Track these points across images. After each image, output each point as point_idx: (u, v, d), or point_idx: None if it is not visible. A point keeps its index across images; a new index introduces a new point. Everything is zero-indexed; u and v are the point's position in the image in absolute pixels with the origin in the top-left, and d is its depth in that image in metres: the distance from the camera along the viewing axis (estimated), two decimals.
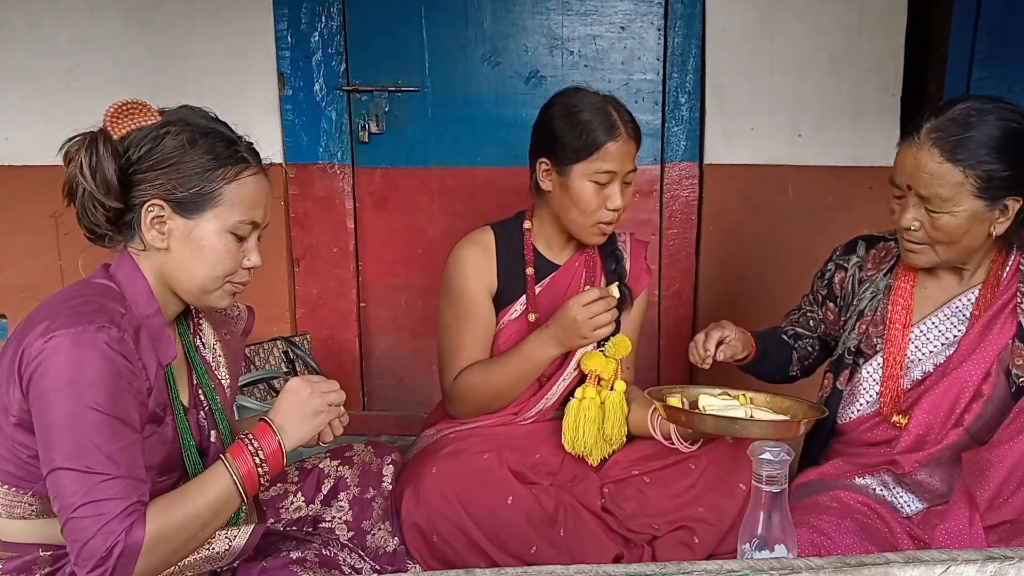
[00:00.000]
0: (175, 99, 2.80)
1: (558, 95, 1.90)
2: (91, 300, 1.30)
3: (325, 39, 2.85)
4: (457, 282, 1.95)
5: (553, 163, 1.86)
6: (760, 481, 1.26)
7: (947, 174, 1.51)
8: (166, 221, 1.36)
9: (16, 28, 2.84)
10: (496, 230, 2.00)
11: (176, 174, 1.34)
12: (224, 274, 1.40)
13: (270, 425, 1.36)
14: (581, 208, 1.84)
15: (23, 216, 2.91)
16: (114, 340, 1.24)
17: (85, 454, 1.19)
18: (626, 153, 1.83)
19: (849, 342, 1.78)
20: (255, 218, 1.40)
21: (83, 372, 1.21)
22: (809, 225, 2.85)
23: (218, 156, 1.36)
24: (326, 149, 2.91)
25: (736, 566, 1.01)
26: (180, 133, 1.35)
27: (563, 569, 1.00)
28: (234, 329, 1.61)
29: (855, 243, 1.86)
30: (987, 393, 1.61)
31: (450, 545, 1.73)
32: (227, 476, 1.30)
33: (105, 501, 1.18)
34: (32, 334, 1.24)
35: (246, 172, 1.39)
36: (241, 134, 1.44)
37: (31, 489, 1.31)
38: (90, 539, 1.17)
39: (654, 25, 2.86)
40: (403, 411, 3.05)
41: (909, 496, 1.70)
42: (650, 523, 1.85)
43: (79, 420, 1.20)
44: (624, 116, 1.85)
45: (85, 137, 1.35)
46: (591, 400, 1.88)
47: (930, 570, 1.01)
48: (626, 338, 1.92)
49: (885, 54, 2.76)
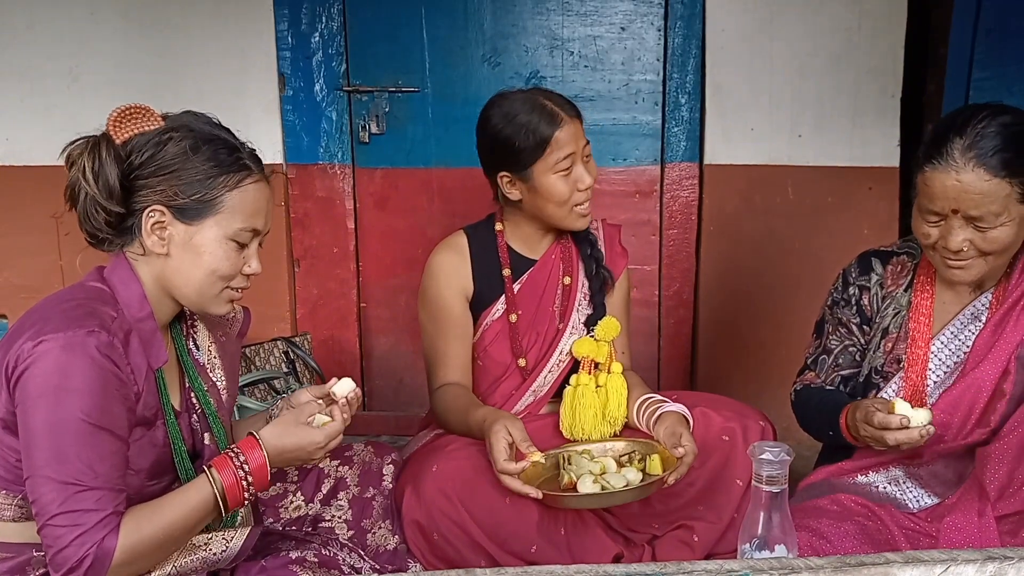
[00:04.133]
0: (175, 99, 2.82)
1: (488, 109, 1.91)
2: (83, 304, 1.31)
3: (325, 39, 2.85)
4: (431, 289, 1.99)
5: (513, 172, 1.88)
6: (760, 481, 1.26)
7: (996, 190, 1.50)
8: (167, 227, 1.36)
9: (16, 28, 2.84)
10: (469, 233, 2.02)
11: (178, 180, 1.34)
12: (223, 280, 1.40)
13: (259, 443, 1.37)
14: (556, 201, 1.87)
15: (23, 216, 2.91)
16: (103, 345, 1.25)
17: (65, 463, 1.21)
18: (574, 132, 1.86)
19: (875, 361, 1.76)
20: (256, 225, 1.41)
21: (70, 379, 1.22)
22: (809, 225, 2.85)
23: (220, 163, 1.36)
24: (326, 149, 2.91)
25: (736, 566, 1.02)
26: (183, 139, 1.36)
27: (563, 569, 1.00)
28: (230, 331, 1.61)
29: (868, 261, 1.80)
30: (1009, 391, 1.61)
31: (450, 543, 1.73)
32: (208, 490, 1.32)
33: (81, 512, 1.20)
34: (23, 337, 1.25)
35: (248, 180, 1.39)
36: (244, 140, 1.44)
37: (21, 492, 1.31)
38: (64, 548, 1.20)
39: (654, 25, 2.86)
40: (403, 411, 3.05)
41: (919, 491, 1.70)
42: (650, 522, 1.85)
43: (61, 428, 1.21)
44: (557, 100, 1.87)
45: (88, 141, 1.35)
46: (585, 387, 1.92)
47: (930, 570, 1.01)
48: (614, 319, 1.98)
49: (885, 54, 2.76)
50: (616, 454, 1.85)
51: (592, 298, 2.02)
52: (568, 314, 2.00)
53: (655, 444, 1.82)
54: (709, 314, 2.96)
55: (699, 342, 2.99)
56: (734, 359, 2.96)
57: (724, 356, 2.98)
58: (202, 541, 1.35)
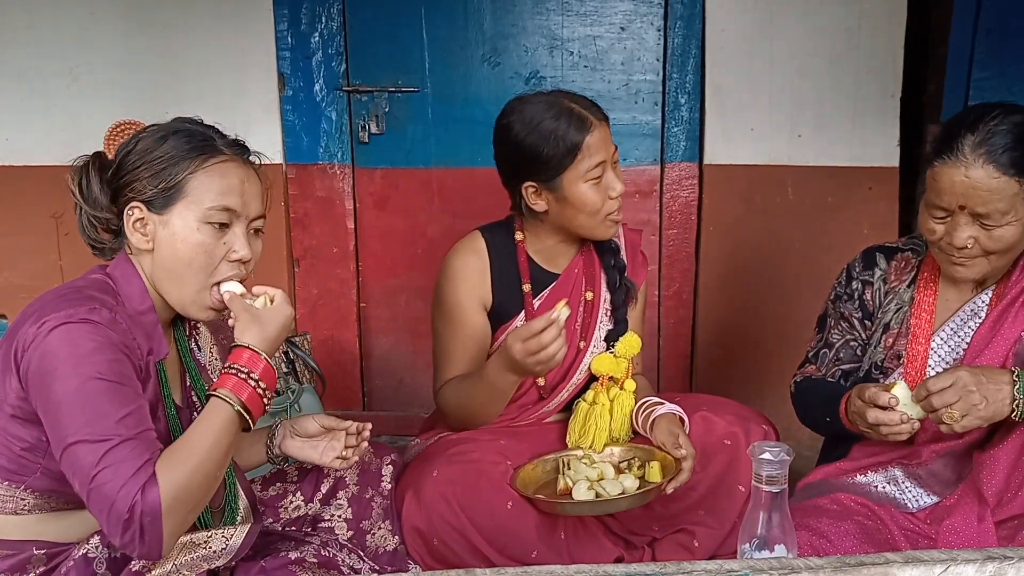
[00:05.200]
0: (175, 99, 2.82)
1: (507, 116, 1.81)
2: (82, 290, 1.32)
3: (325, 39, 2.85)
4: (449, 293, 1.90)
5: (540, 182, 1.79)
6: (760, 481, 1.26)
7: (1004, 187, 1.50)
8: (147, 223, 1.38)
9: (16, 28, 2.84)
10: (487, 238, 1.92)
11: (146, 173, 1.36)
12: (203, 271, 1.38)
13: (248, 347, 1.33)
14: (588, 211, 1.79)
15: (23, 216, 2.91)
16: (105, 320, 1.26)
17: (94, 423, 1.20)
18: (605, 137, 1.78)
19: (875, 356, 1.76)
20: (228, 203, 1.38)
21: (79, 346, 1.23)
22: (809, 225, 2.85)
23: (183, 149, 1.37)
24: (326, 149, 2.91)
25: (736, 566, 1.02)
26: (152, 134, 1.39)
27: (563, 569, 1.00)
28: (231, 334, 1.61)
29: (873, 256, 1.80)
30: None
31: (451, 548, 1.72)
32: (226, 408, 1.28)
33: (119, 464, 1.19)
34: (25, 325, 1.26)
35: (213, 159, 1.38)
36: (228, 133, 1.45)
37: (24, 483, 1.32)
38: (112, 504, 1.17)
39: (654, 26, 2.86)
40: (403, 411, 3.06)
41: (918, 490, 1.70)
42: (650, 525, 1.85)
43: (83, 392, 1.21)
44: (584, 104, 1.79)
45: (82, 160, 1.42)
46: (604, 407, 1.87)
47: (929, 570, 1.01)
48: (635, 336, 1.90)
49: (885, 54, 2.76)
50: (616, 460, 1.85)
51: (614, 313, 1.94)
52: (591, 332, 1.93)
53: (655, 450, 1.80)
54: (709, 314, 2.96)
55: (699, 342, 2.99)
56: (734, 359, 2.96)
57: (724, 356, 2.98)
58: (202, 539, 1.35)
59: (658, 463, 1.77)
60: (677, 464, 1.72)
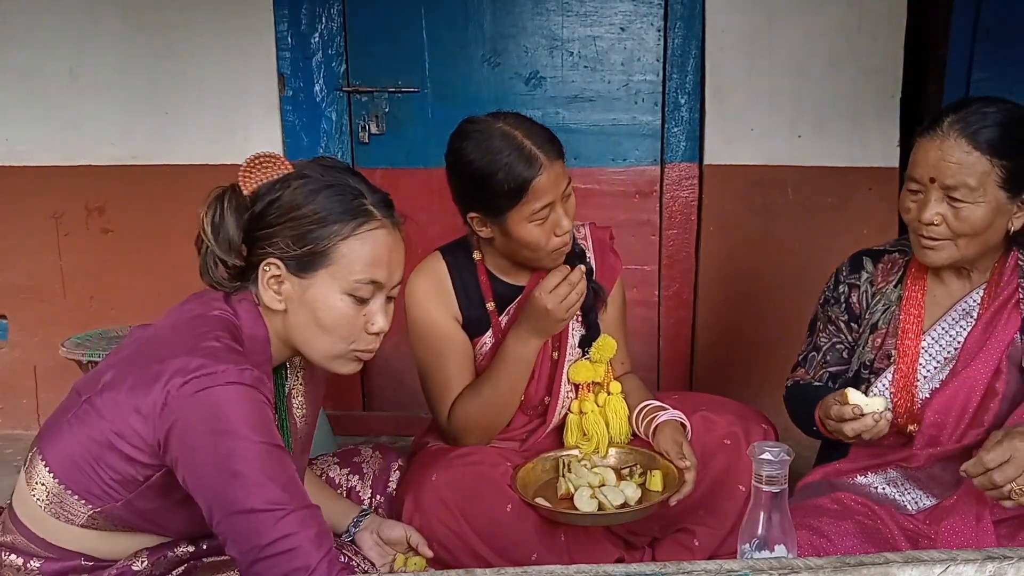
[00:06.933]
0: (175, 99, 2.80)
1: (460, 139, 1.72)
2: (220, 337, 1.23)
3: (325, 40, 2.85)
4: (422, 317, 1.86)
5: (484, 215, 1.73)
6: (760, 481, 1.26)
7: (975, 163, 1.52)
8: (283, 281, 1.28)
9: (16, 28, 2.84)
10: (448, 259, 1.88)
11: (291, 231, 1.26)
12: (343, 341, 1.31)
13: None
14: (531, 247, 1.72)
15: (23, 216, 2.91)
16: (255, 379, 1.19)
17: (259, 490, 1.14)
18: (556, 176, 1.67)
19: (864, 356, 1.76)
20: (375, 277, 1.30)
21: (234, 411, 1.16)
22: (809, 225, 2.85)
23: (333, 210, 1.27)
24: (326, 150, 2.91)
25: (736, 566, 1.01)
26: (300, 187, 1.28)
27: (562, 569, 0.99)
28: (321, 381, 1.56)
29: (860, 260, 1.81)
30: (1001, 391, 1.61)
31: (450, 552, 1.72)
32: None
33: (296, 535, 1.14)
34: (170, 374, 1.17)
35: (365, 227, 1.29)
36: (375, 187, 1.35)
37: (101, 507, 1.25)
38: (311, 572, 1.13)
39: (654, 26, 2.86)
40: (403, 411, 3.05)
41: (917, 492, 1.70)
42: (651, 525, 1.84)
43: (250, 459, 1.15)
44: (537, 139, 1.66)
45: (215, 192, 1.30)
46: (595, 413, 1.86)
47: (929, 570, 1.01)
48: (609, 338, 1.88)
49: (885, 55, 2.76)
50: (616, 463, 1.84)
51: (584, 318, 1.88)
52: (564, 343, 1.88)
53: (657, 457, 1.79)
54: (709, 314, 2.96)
55: (698, 342, 2.99)
56: (733, 359, 2.97)
57: (723, 356, 2.98)
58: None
59: (660, 472, 1.76)
60: (680, 475, 1.71)
